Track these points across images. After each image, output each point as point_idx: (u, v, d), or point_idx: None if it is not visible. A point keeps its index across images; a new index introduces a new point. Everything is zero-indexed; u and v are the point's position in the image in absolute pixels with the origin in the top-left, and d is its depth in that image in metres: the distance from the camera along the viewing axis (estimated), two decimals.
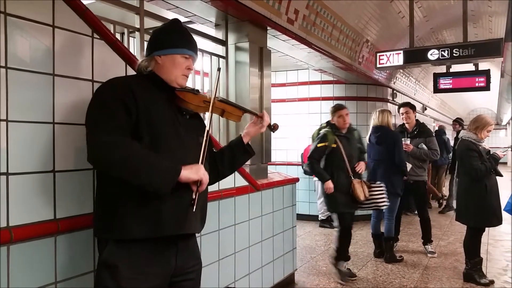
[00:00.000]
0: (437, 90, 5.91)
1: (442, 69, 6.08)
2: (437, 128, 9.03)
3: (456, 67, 5.94)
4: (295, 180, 4.03)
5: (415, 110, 5.16)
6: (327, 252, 5.06)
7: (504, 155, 4.01)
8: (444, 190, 8.82)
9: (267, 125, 1.95)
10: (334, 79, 6.88)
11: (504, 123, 23.14)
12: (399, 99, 8.06)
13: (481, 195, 3.71)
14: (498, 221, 3.78)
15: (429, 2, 6.26)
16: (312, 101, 7.07)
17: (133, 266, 1.49)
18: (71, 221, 1.72)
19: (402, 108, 5.09)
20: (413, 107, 5.12)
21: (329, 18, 4.87)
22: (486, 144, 3.88)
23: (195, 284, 1.72)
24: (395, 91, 8.15)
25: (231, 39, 3.72)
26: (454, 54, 5.05)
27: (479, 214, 3.74)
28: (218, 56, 3.66)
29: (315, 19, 4.57)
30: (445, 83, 5.76)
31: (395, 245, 5.00)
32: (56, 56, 1.70)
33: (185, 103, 1.63)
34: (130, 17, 2.99)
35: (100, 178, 1.59)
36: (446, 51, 5.11)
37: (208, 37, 3.63)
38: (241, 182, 3.10)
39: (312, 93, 7.10)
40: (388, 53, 5.51)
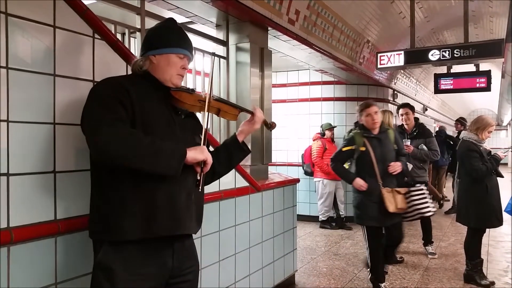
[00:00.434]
0: (438, 91, 5.90)
1: (443, 70, 6.08)
2: (438, 129, 9.01)
3: (457, 68, 5.93)
4: (296, 181, 4.02)
5: (414, 111, 5.15)
6: (328, 253, 5.06)
7: (505, 156, 4.00)
8: (445, 191, 8.79)
9: (264, 124, 1.92)
10: (335, 80, 6.88)
11: (505, 124, 23.13)
12: (400, 100, 8.05)
13: (482, 196, 3.71)
14: (499, 222, 3.77)
15: (430, 3, 6.26)
16: (313, 102, 7.07)
17: (129, 268, 1.48)
18: (72, 222, 1.72)
19: (402, 109, 5.07)
20: (412, 108, 5.11)
21: (330, 19, 4.87)
22: (487, 145, 3.87)
23: (193, 285, 1.70)
24: (396, 92, 8.15)
25: (232, 40, 3.72)
26: (455, 55, 5.06)
27: (480, 215, 3.74)
28: (219, 57, 3.66)
29: (316, 20, 4.57)
30: (446, 84, 5.75)
31: None
32: (57, 57, 1.70)
33: (180, 103, 1.63)
34: (131, 18, 2.99)
35: (94, 179, 1.57)
36: (447, 52, 5.11)
37: (209, 38, 3.64)
38: (242, 183, 3.10)
39: (313, 94, 7.10)
40: (389, 54, 5.51)
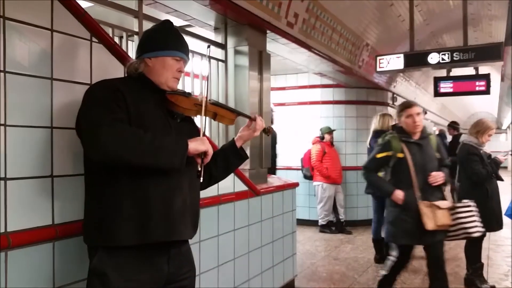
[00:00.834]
0: (438, 94, 5.90)
1: (443, 73, 6.07)
2: (438, 133, 9.00)
3: (457, 71, 5.94)
4: (295, 185, 4.00)
5: None
6: (328, 258, 5.04)
7: (505, 160, 3.99)
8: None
9: (262, 129, 1.90)
10: (334, 83, 6.87)
11: (505, 127, 23.15)
12: (399, 103, 8.03)
13: (482, 200, 3.69)
14: (499, 226, 3.76)
15: (429, 6, 6.28)
16: (312, 105, 7.06)
17: (124, 274, 1.46)
18: (70, 227, 1.70)
19: None
20: None
21: (329, 22, 4.87)
22: (487, 148, 3.86)
23: None
24: (395, 95, 8.15)
25: (231, 43, 3.72)
26: (455, 58, 5.06)
27: (480, 219, 3.72)
28: (217, 60, 3.66)
29: (315, 23, 4.57)
30: (446, 87, 5.75)
31: None
32: (55, 60, 1.69)
33: (176, 106, 1.60)
34: (129, 21, 2.99)
35: (88, 184, 1.55)
36: (447, 55, 5.12)
37: (207, 41, 3.63)
38: (241, 187, 3.08)
39: (312, 97, 7.09)
40: (388, 57, 5.51)
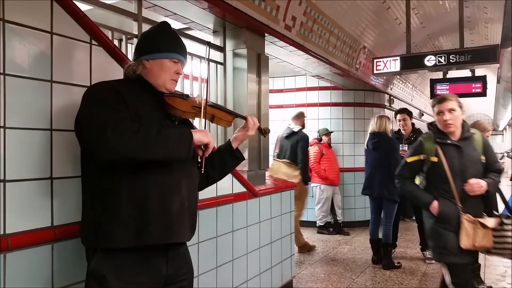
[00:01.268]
0: (434, 96, 5.92)
1: (439, 75, 6.11)
2: None
3: (453, 73, 5.97)
4: (293, 186, 4.02)
5: (412, 117, 5.17)
6: (325, 259, 5.05)
7: (503, 162, 4.01)
8: None
9: (258, 130, 1.89)
10: (332, 85, 6.91)
11: (501, 129, 23.22)
12: (396, 105, 8.09)
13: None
14: None
15: (426, 9, 6.32)
16: (310, 107, 7.08)
17: (121, 276, 1.46)
18: (69, 229, 1.71)
19: (400, 115, 5.09)
20: (410, 114, 5.14)
21: (327, 25, 4.90)
22: None
23: None
24: (392, 97, 8.18)
25: (229, 46, 3.73)
26: (451, 60, 5.08)
27: None
28: (216, 63, 3.67)
29: (313, 26, 4.59)
30: (442, 89, 5.77)
31: (393, 251, 4.99)
32: (54, 63, 1.70)
33: (174, 109, 1.60)
34: (128, 24, 2.99)
35: (85, 186, 1.55)
36: (443, 57, 5.14)
37: (206, 43, 3.64)
38: (239, 189, 3.09)
39: (310, 99, 7.12)
40: (385, 59, 5.53)
